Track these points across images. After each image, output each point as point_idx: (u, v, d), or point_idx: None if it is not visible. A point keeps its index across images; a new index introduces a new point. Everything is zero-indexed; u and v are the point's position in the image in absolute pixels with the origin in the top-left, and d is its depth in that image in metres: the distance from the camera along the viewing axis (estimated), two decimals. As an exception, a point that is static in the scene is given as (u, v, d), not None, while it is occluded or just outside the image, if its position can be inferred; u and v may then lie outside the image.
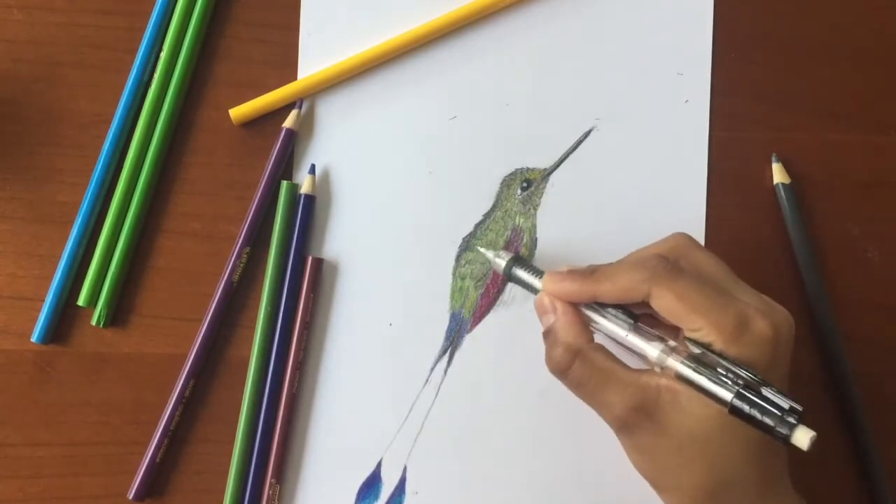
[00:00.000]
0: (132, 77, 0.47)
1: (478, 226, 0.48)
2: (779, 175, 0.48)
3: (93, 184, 0.47)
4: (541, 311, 0.41)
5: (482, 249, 0.45)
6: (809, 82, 0.49)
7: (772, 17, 0.50)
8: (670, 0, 0.49)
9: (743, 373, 0.36)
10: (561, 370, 0.40)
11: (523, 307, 0.48)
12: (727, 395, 0.35)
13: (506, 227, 0.48)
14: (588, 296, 0.40)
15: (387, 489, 0.47)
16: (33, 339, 0.46)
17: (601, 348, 0.40)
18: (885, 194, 0.49)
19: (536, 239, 0.48)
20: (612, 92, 0.49)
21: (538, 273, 0.42)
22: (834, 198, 0.49)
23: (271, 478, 0.46)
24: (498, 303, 0.48)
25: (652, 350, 0.38)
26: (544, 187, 0.48)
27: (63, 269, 0.46)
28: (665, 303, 0.37)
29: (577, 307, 0.40)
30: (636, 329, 0.39)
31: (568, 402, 0.47)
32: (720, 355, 0.36)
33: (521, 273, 0.43)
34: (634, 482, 0.47)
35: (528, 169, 0.49)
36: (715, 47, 0.49)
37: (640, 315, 0.40)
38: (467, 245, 0.48)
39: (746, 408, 0.35)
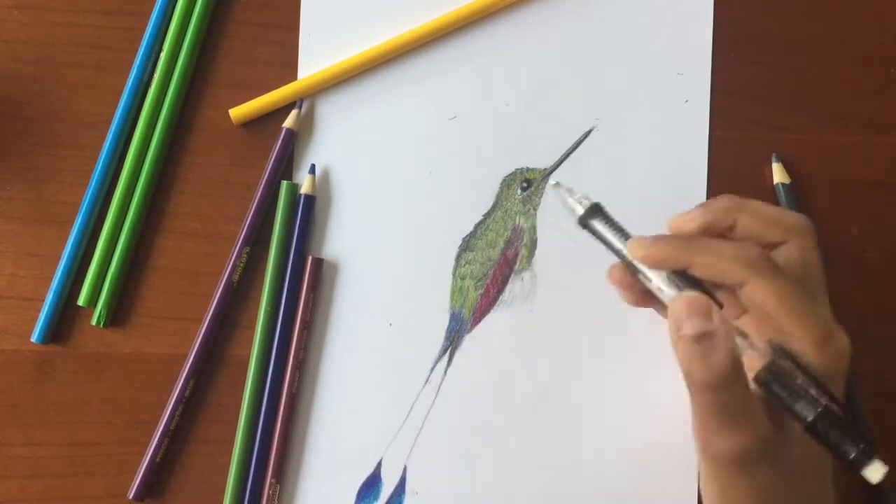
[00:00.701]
0: (132, 77, 0.47)
1: (478, 226, 0.48)
2: (779, 175, 0.48)
3: (93, 184, 0.47)
4: (689, 311, 0.35)
5: (555, 187, 0.40)
6: (809, 82, 0.49)
7: (772, 17, 0.50)
8: (670, 0, 0.49)
9: (823, 392, 0.34)
10: (721, 382, 0.34)
11: (523, 307, 0.48)
12: (809, 414, 0.33)
13: (506, 227, 0.48)
14: (681, 263, 0.37)
15: (387, 489, 0.47)
16: (33, 339, 0.46)
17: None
18: (885, 194, 0.49)
19: (536, 239, 0.48)
20: (612, 92, 0.49)
21: (622, 233, 0.39)
22: (834, 198, 0.49)
23: (271, 478, 0.46)
24: (498, 303, 0.48)
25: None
26: (544, 187, 0.48)
27: (63, 269, 0.46)
28: (763, 297, 0.36)
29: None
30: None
31: (567, 403, 0.47)
32: (805, 369, 0.34)
33: (601, 228, 0.39)
34: (633, 481, 0.47)
35: (528, 169, 0.49)
36: (715, 47, 0.49)
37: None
38: (467, 245, 0.48)
39: (824, 430, 0.33)
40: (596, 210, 0.39)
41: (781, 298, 0.35)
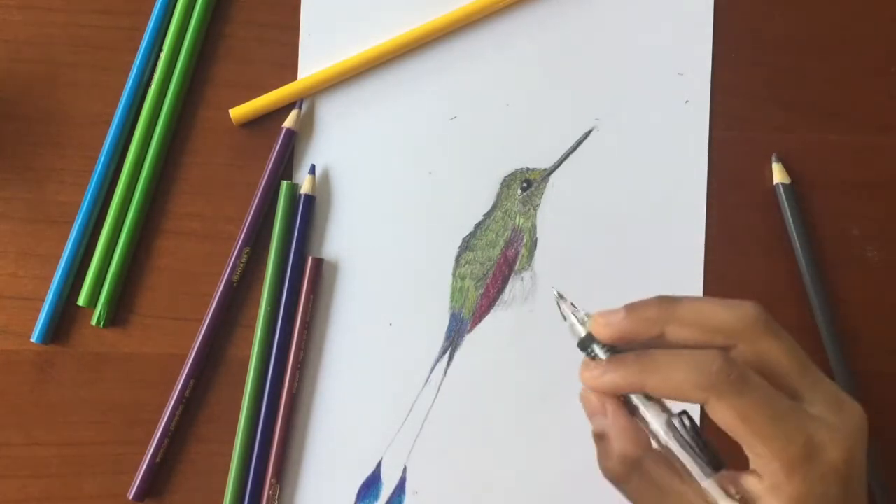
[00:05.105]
0: (132, 77, 0.47)
1: (478, 226, 0.48)
2: (779, 175, 0.48)
3: (93, 184, 0.47)
4: (588, 411, 0.36)
5: (564, 309, 0.37)
6: (809, 82, 0.49)
7: (772, 17, 0.50)
8: (670, 0, 0.49)
9: None
10: (617, 481, 0.35)
11: (523, 307, 0.48)
12: None
13: (506, 227, 0.48)
14: (634, 388, 0.34)
15: (387, 489, 0.47)
16: (33, 339, 0.46)
17: (660, 459, 0.34)
18: (885, 194, 0.49)
19: (536, 239, 0.48)
20: (612, 92, 0.49)
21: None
22: (834, 198, 0.49)
23: (271, 478, 0.46)
24: (498, 303, 0.48)
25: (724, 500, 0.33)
26: (544, 187, 0.48)
27: (63, 269, 0.46)
28: (724, 419, 0.32)
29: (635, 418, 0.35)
30: (716, 478, 0.33)
31: (568, 402, 0.47)
32: None
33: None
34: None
35: (528, 169, 0.49)
36: (715, 47, 0.49)
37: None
38: (467, 245, 0.48)
39: None
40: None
41: (746, 419, 0.32)
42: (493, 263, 0.48)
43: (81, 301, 0.46)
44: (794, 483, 0.31)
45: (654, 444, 0.35)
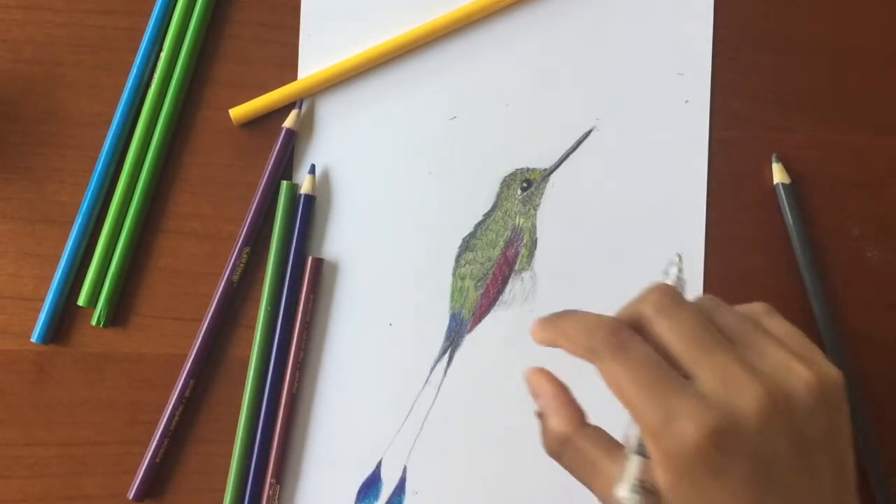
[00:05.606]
0: (132, 77, 0.47)
1: (478, 226, 0.48)
2: (779, 175, 0.48)
3: (93, 184, 0.47)
4: (531, 392, 0.38)
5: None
6: (809, 82, 0.49)
7: (772, 17, 0.50)
8: (670, 0, 0.49)
9: None
10: (553, 456, 0.38)
11: (523, 307, 0.48)
12: None
13: (506, 227, 0.48)
14: (553, 344, 0.36)
15: (387, 489, 0.47)
16: (33, 339, 0.46)
17: (591, 434, 0.36)
18: (885, 194, 0.49)
19: (536, 239, 0.48)
20: (612, 92, 0.49)
21: None
22: (834, 198, 0.49)
23: (271, 478, 0.46)
24: (498, 303, 0.48)
25: (624, 483, 0.34)
26: (544, 187, 0.48)
27: (63, 269, 0.46)
28: (606, 383, 0.34)
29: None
30: (641, 455, 0.34)
31: (568, 402, 0.47)
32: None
33: None
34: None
35: (528, 169, 0.49)
36: (715, 47, 0.49)
37: None
38: (467, 245, 0.48)
39: None
40: None
41: (616, 385, 0.33)
42: (493, 263, 0.48)
43: (81, 301, 0.46)
44: (656, 451, 0.32)
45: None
